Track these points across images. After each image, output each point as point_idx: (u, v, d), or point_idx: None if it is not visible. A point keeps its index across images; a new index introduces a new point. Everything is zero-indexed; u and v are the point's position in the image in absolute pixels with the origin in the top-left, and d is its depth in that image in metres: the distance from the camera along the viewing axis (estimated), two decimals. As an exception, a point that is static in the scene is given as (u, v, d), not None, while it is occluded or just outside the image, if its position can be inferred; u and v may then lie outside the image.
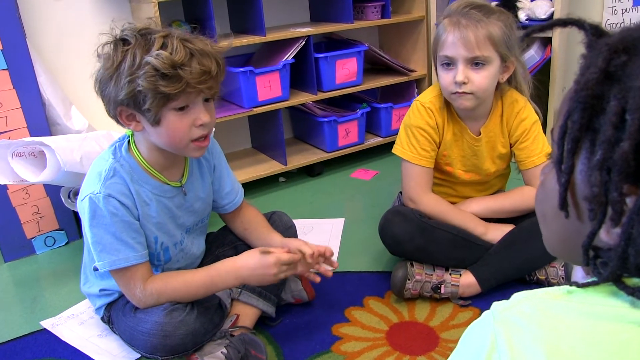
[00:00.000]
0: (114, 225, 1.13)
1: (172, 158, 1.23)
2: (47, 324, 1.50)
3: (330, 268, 1.33)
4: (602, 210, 0.46)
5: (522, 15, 2.04)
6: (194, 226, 1.35)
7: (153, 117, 1.09)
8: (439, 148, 1.53)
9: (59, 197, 1.81)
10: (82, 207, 1.15)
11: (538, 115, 1.50)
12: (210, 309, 1.25)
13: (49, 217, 1.91)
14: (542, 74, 2.11)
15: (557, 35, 2.04)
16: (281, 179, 2.37)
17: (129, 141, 1.22)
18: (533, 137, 1.48)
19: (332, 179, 2.38)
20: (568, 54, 2.36)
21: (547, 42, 2.09)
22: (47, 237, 1.92)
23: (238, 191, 1.43)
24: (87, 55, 2.00)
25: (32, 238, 1.89)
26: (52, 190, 1.85)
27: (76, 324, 1.50)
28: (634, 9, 2.14)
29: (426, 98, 1.52)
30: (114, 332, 1.37)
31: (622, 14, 2.17)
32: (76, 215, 1.93)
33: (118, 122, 1.15)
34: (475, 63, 1.36)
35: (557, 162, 0.50)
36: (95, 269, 1.17)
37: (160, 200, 1.23)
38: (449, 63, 1.38)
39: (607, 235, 0.47)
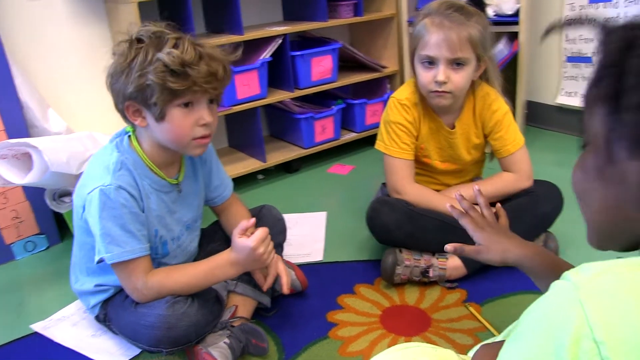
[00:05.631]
0: (123, 217, 1.15)
1: (171, 155, 1.26)
2: (38, 327, 1.49)
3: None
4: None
5: (490, 11, 2.13)
6: (193, 223, 1.37)
7: (158, 112, 1.13)
8: (417, 141, 1.59)
9: (39, 200, 1.79)
10: (89, 199, 1.16)
11: (508, 105, 1.58)
12: (209, 301, 1.27)
13: (28, 222, 1.88)
14: (509, 67, 2.21)
15: (524, 30, 2.15)
16: (259, 177, 2.39)
17: (129, 137, 1.24)
18: (506, 126, 1.56)
19: (310, 175, 2.42)
20: (534, 48, 2.47)
21: (514, 37, 2.20)
22: (27, 242, 1.89)
23: (227, 185, 1.46)
24: (62, 56, 2.02)
25: (11, 243, 1.86)
26: (31, 193, 1.83)
27: (68, 325, 1.49)
28: (589, 6, 2.27)
29: (402, 95, 1.58)
30: (111, 330, 1.37)
31: (580, 10, 2.29)
32: (58, 218, 1.91)
33: (124, 116, 1.19)
34: (457, 63, 1.42)
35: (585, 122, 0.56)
36: (100, 261, 1.18)
37: (159, 195, 1.26)
38: (431, 62, 1.44)
39: None
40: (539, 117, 2.59)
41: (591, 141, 0.58)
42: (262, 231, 1.21)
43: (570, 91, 2.44)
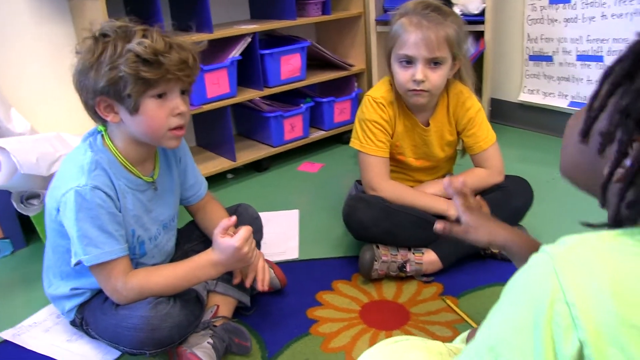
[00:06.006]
0: (100, 217, 1.13)
1: (146, 151, 1.24)
2: (7, 335, 1.43)
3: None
4: (616, 150, 0.56)
5: (456, 11, 2.17)
6: (170, 222, 1.35)
7: (132, 104, 1.11)
8: (391, 139, 1.62)
9: (3, 203, 1.72)
10: (64, 201, 1.13)
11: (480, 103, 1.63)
12: (190, 302, 1.26)
13: (-9, 226, 1.81)
14: (474, 66, 2.26)
15: (489, 29, 2.21)
16: (229, 176, 2.38)
17: (102, 135, 1.21)
18: (479, 124, 1.61)
19: (280, 173, 2.42)
20: (499, 46, 2.54)
21: (479, 36, 2.25)
22: (-10, 247, 1.82)
23: (202, 184, 1.46)
24: (25, 55, 1.95)
25: (-27, 249, 1.79)
26: (-6, 197, 1.77)
27: (40, 331, 1.44)
28: (550, 7, 2.35)
29: (377, 93, 1.60)
30: (87, 334, 1.33)
31: (541, 10, 2.37)
32: (23, 221, 1.85)
33: (95, 114, 1.17)
34: (434, 63, 1.46)
35: (590, 97, 0.60)
36: (78, 263, 1.15)
37: (135, 194, 1.24)
38: (409, 61, 1.47)
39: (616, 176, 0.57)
40: (503, 114, 2.66)
41: (588, 111, 0.62)
42: (245, 230, 1.21)
43: (532, 89, 2.52)
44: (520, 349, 0.54)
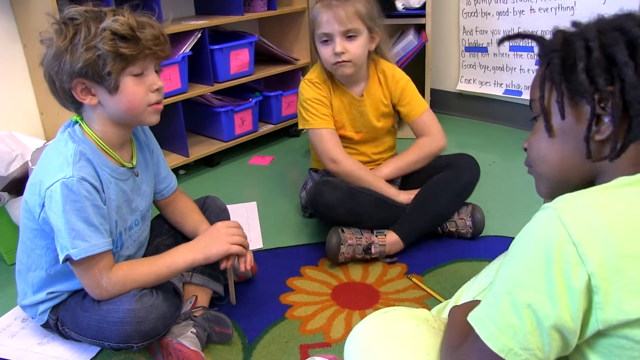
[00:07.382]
0: (86, 209, 1.12)
1: (124, 133, 1.24)
2: (-32, 345, 1.39)
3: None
4: (592, 102, 0.67)
5: (399, 5, 2.28)
6: (146, 212, 1.36)
7: (112, 83, 1.12)
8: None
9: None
10: (49, 194, 1.11)
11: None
12: (169, 293, 1.27)
13: None
14: (417, 57, 2.37)
15: (430, 22, 2.32)
16: (181, 172, 2.37)
17: (79, 125, 1.20)
18: (411, 93, 1.76)
19: (232, 167, 2.43)
20: (437, 39, 2.67)
21: (421, 29, 2.37)
22: None
23: (173, 177, 1.47)
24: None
25: None
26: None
27: (6, 337, 1.40)
28: (483, 1, 2.50)
29: (311, 75, 1.77)
30: (63, 335, 1.31)
31: (475, 4, 2.52)
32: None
33: (70, 99, 1.16)
34: (349, 36, 1.62)
35: (540, 98, 0.74)
36: (66, 259, 1.13)
37: (117, 184, 1.23)
38: (327, 39, 1.63)
39: (600, 134, 0.69)
40: (442, 104, 2.80)
41: (544, 111, 0.74)
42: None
43: (469, 79, 2.67)
44: (534, 288, 0.63)
